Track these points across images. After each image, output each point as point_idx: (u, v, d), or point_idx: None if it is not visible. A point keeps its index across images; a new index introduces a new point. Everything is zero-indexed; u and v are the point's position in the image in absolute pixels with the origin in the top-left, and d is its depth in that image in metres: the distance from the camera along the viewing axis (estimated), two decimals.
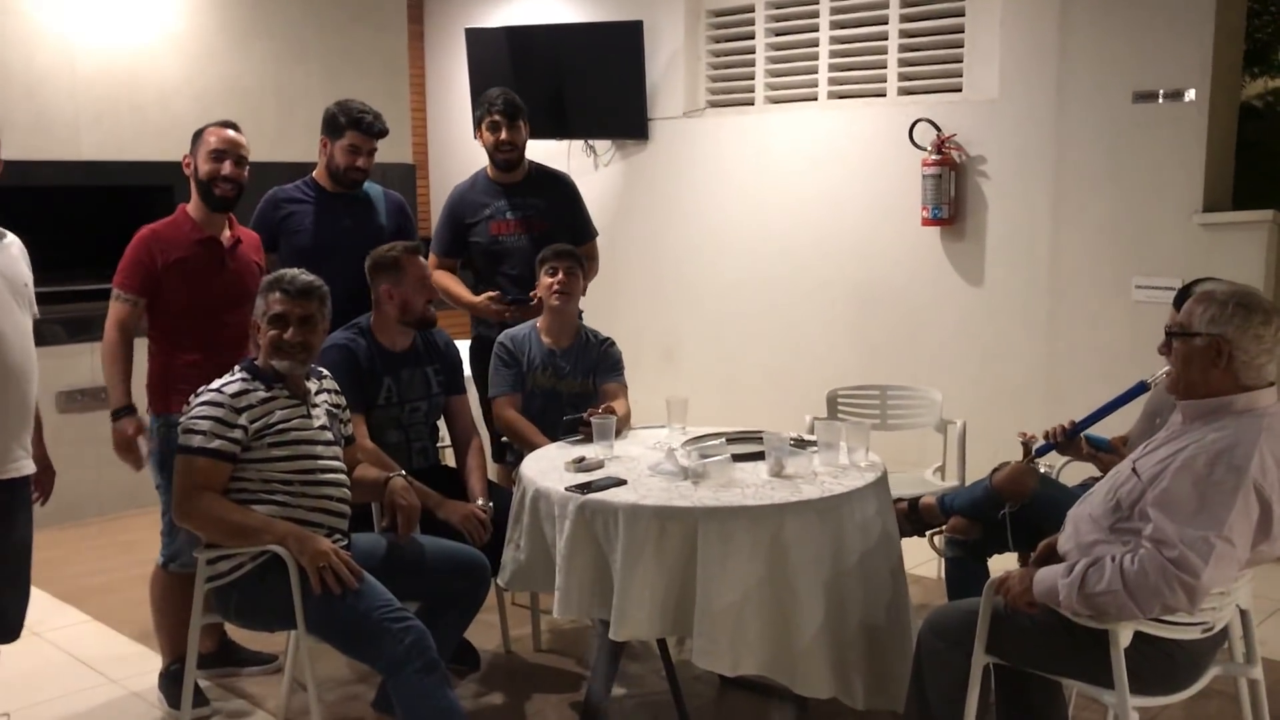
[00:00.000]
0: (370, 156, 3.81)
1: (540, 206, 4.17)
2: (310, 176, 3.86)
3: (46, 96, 5.07)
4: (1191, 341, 2.39)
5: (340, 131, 3.75)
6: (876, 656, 2.86)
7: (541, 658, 3.75)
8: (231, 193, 3.33)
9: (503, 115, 4.11)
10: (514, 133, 4.13)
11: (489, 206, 4.15)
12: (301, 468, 2.84)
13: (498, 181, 4.19)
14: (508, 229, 4.13)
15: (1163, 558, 2.21)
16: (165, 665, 3.42)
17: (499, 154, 4.14)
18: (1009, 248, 5.14)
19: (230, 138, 3.34)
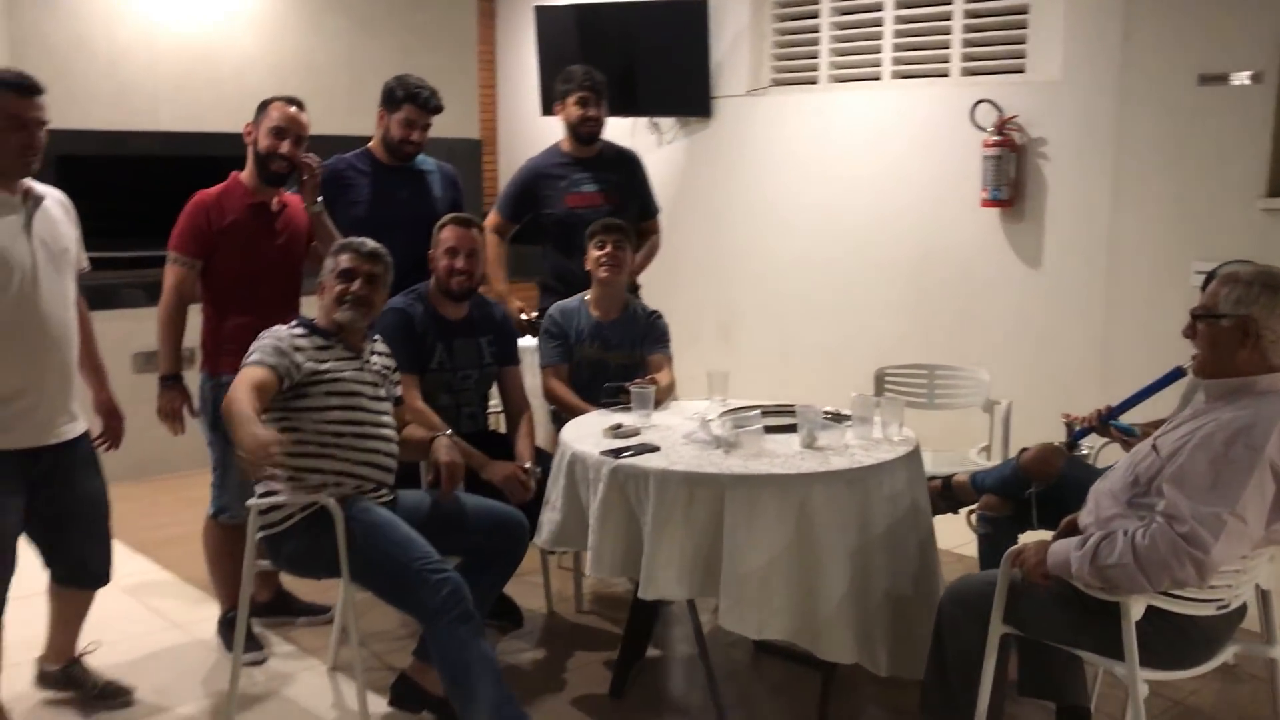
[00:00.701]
0: (424, 131, 3.92)
1: (614, 181, 4.33)
2: (366, 148, 3.98)
3: (127, 70, 5.28)
4: (1218, 324, 2.41)
5: (397, 105, 3.87)
6: (902, 626, 2.92)
7: (582, 618, 3.87)
8: (285, 169, 3.46)
9: (590, 91, 4.26)
10: (598, 109, 4.28)
11: (565, 179, 4.29)
12: (352, 418, 2.97)
13: (574, 155, 4.32)
14: (583, 201, 4.26)
15: (1174, 532, 2.24)
16: (223, 612, 3.60)
17: (582, 128, 4.29)
18: (1068, 230, 5.11)
19: (293, 115, 3.45)
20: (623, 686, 3.29)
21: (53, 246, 2.86)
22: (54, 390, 2.86)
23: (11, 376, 2.76)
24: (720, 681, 3.19)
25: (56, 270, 2.86)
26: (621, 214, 4.17)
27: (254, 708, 3.21)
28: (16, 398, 2.77)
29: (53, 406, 2.87)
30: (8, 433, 2.77)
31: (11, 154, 2.71)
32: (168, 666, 3.44)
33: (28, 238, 2.78)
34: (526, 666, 3.50)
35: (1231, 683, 3.37)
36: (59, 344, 2.86)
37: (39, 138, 2.75)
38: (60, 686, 3.21)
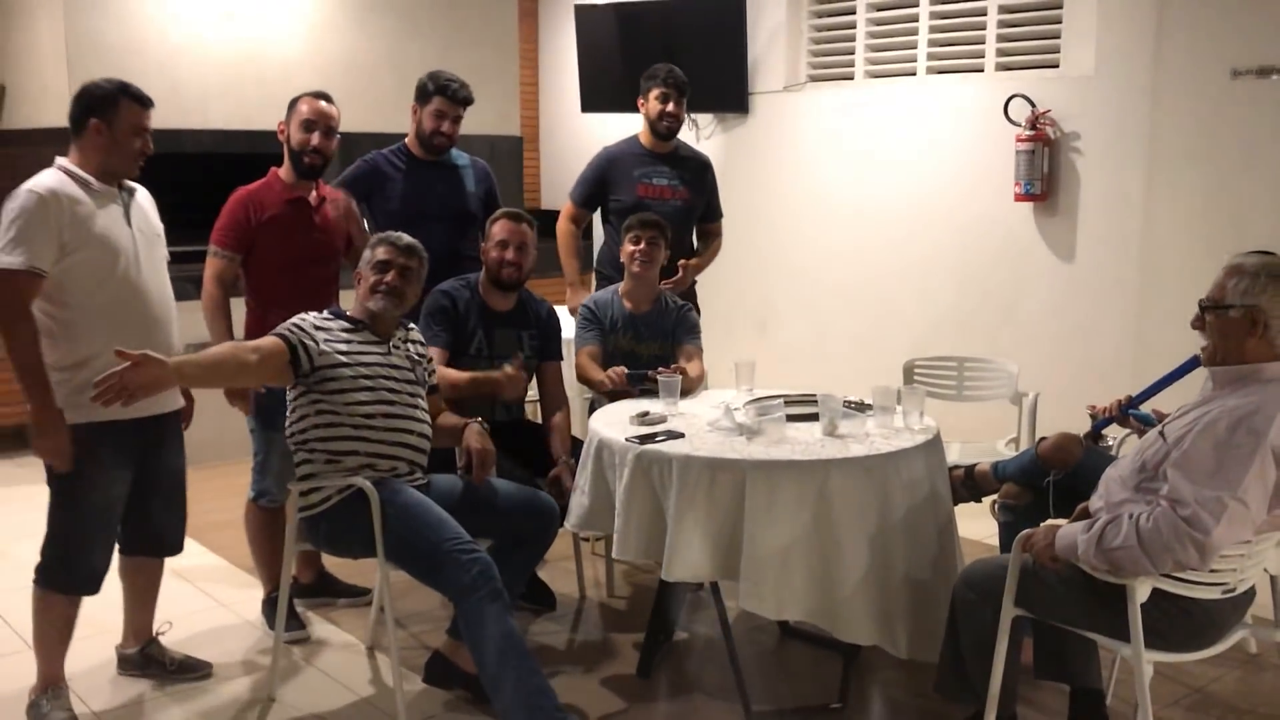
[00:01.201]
0: (455, 124, 4.02)
1: (686, 179, 4.45)
2: (403, 144, 4.10)
3: (178, 71, 5.46)
4: (1226, 314, 2.47)
5: (428, 98, 3.99)
6: (921, 609, 2.99)
7: (613, 601, 3.97)
8: (318, 161, 3.59)
9: (672, 88, 4.38)
10: (679, 106, 4.40)
11: (639, 169, 4.41)
12: (381, 399, 3.08)
13: (651, 149, 4.45)
14: (655, 193, 4.39)
15: (1176, 515, 2.30)
16: (266, 593, 3.74)
17: (662, 123, 4.40)
18: (1101, 225, 5.13)
19: (321, 109, 3.58)
20: (650, 667, 3.38)
21: (148, 233, 3.10)
22: None
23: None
24: (744, 663, 3.27)
25: (153, 254, 3.10)
26: (689, 212, 4.36)
27: (295, 684, 3.34)
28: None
29: None
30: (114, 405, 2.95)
31: (131, 158, 3.01)
32: (215, 644, 3.58)
33: (128, 224, 3.02)
34: (558, 647, 3.60)
35: (1253, 671, 3.40)
36: (162, 321, 3.08)
37: (150, 145, 3.05)
38: (140, 668, 3.35)
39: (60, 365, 2.90)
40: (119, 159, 2.98)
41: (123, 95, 2.97)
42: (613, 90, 6.78)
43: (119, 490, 3.04)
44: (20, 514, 4.89)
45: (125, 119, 2.96)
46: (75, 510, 2.99)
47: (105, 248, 2.93)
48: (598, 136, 7.37)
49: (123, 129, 2.96)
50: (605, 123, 7.24)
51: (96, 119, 2.94)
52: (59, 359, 2.90)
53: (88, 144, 2.95)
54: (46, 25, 5.37)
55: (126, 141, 2.97)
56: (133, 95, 2.99)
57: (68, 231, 2.85)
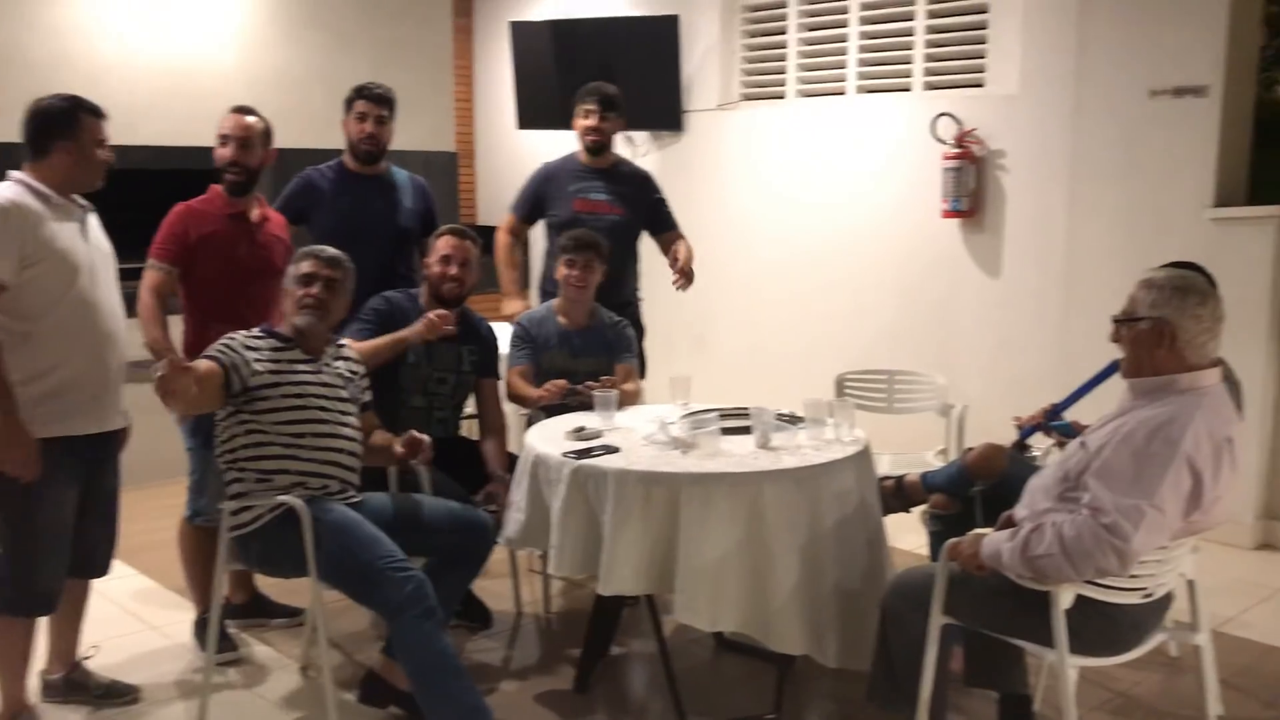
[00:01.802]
0: (380, 125, 4.02)
1: (624, 193, 4.45)
2: (339, 160, 4.10)
3: (107, 85, 5.38)
4: (1138, 326, 2.55)
5: (350, 104, 4.04)
6: (850, 619, 3.03)
7: (550, 617, 3.98)
8: (240, 176, 3.56)
9: (598, 104, 4.41)
10: (603, 122, 4.41)
11: (575, 185, 4.42)
12: (312, 417, 3.07)
13: (589, 165, 4.46)
14: (591, 208, 4.39)
15: (1097, 523, 2.36)
16: (198, 614, 3.69)
17: (587, 137, 4.42)
18: (1026, 240, 5.25)
19: (238, 121, 3.57)
20: (586, 682, 3.39)
21: (103, 249, 3.09)
22: (113, 380, 3.07)
23: (76, 366, 2.96)
24: (680, 676, 3.29)
25: (107, 271, 3.09)
26: (627, 227, 4.37)
27: (227, 706, 3.30)
28: (80, 387, 2.97)
29: (109, 396, 3.07)
30: (73, 419, 2.96)
31: (98, 171, 3.02)
32: (145, 668, 3.51)
33: (85, 240, 3.01)
34: (494, 664, 3.60)
35: (1174, 674, 3.49)
36: (115, 338, 3.07)
37: (112, 155, 3.05)
38: (64, 695, 3.28)
39: (17, 379, 2.87)
40: (86, 173, 2.99)
41: (80, 110, 2.97)
42: (548, 107, 6.80)
43: (70, 508, 3.01)
44: None
45: (87, 133, 2.96)
46: (29, 530, 2.95)
47: (65, 262, 2.92)
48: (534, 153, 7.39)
49: (86, 144, 2.96)
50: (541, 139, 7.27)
51: (62, 140, 2.93)
52: (12, 372, 2.87)
53: (54, 164, 2.94)
54: None
55: (92, 156, 2.98)
56: (88, 109, 2.99)
57: (30, 244, 2.84)
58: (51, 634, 3.27)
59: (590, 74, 6.65)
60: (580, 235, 4.03)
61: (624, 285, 4.45)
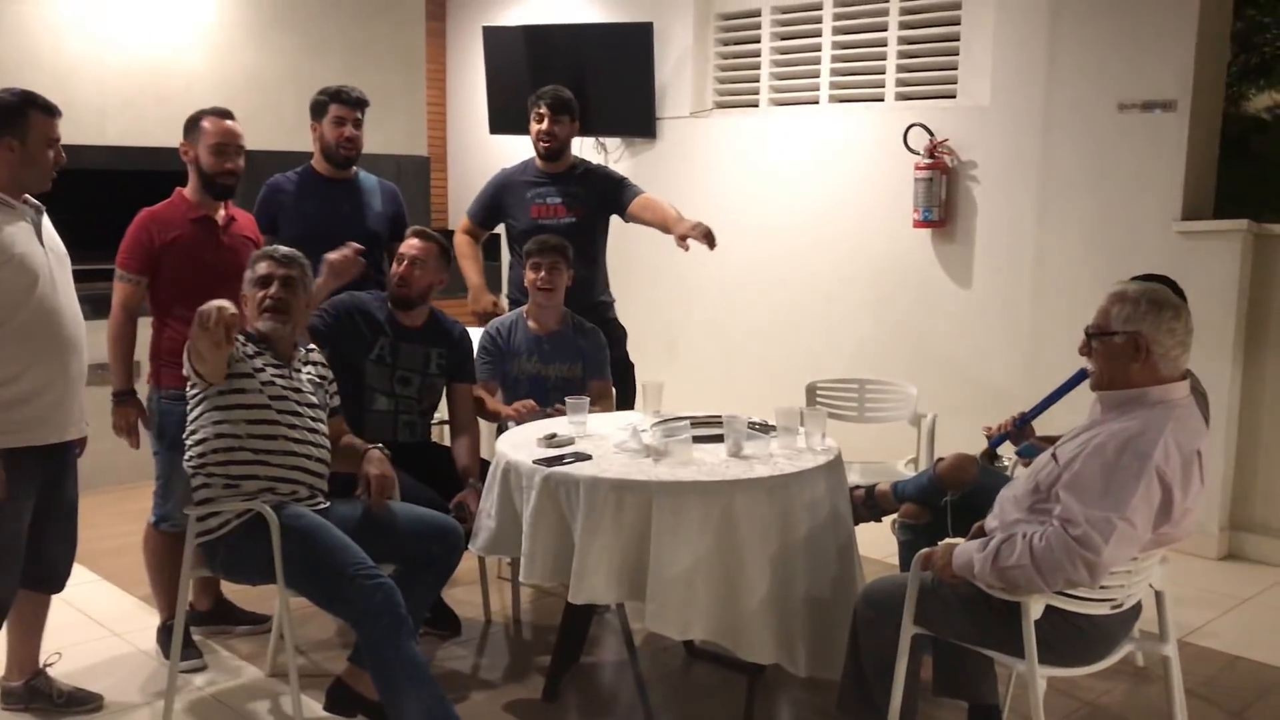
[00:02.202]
0: (357, 128, 3.99)
1: (579, 194, 4.38)
2: (307, 165, 4.06)
3: (76, 85, 5.33)
4: (1111, 340, 2.56)
5: (323, 109, 3.97)
6: (820, 628, 3.03)
7: (519, 625, 3.95)
8: (234, 183, 3.55)
9: (547, 108, 4.36)
10: (556, 125, 4.36)
11: (532, 190, 4.38)
12: (281, 422, 3.04)
13: (544, 170, 4.42)
14: (548, 212, 4.35)
15: (1068, 535, 2.37)
16: (162, 620, 3.64)
17: (540, 143, 4.38)
18: (996, 251, 5.29)
19: (229, 129, 3.53)
20: (556, 691, 3.37)
21: (59, 252, 3.02)
22: (73, 389, 3.01)
23: (37, 374, 2.89)
24: (650, 684, 3.29)
25: (64, 275, 3.01)
26: (585, 228, 4.30)
27: (192, 714, 3.25)
28: (41, 395, 2.91)
29: (69, 405, 3.00)
30: (35, 429, 2.90)
31: (46, 172, 2.93)
32: (107, 674, 3.47)
33: (40, 243, 2.94)
34: (463, 672, 3.57)
35: (1141, 683, 3.52)
36: (75, 345, 3.00)
37: (63, 155, 2.97)
38: (25, 702, 3.22)
39: None
40: (33, 174, 2.91)
41: (30, 107, 2.88)
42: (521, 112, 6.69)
43: (25, 519, 2.94)
44: None
45: (36, 131, 2.88)
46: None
47: (22, 267, 2.85)
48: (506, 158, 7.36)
49: (35, 142, 2.88)
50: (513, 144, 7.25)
51: (7, 137, 2.85)
52: None
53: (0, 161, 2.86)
54: None
55: (40, 155, 2.89)
56: (40, 106, 2.90)
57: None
58: (11, 643, 3.22)
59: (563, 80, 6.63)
60: (545, 239, 4.01)
61: (592, 287, 4.41)
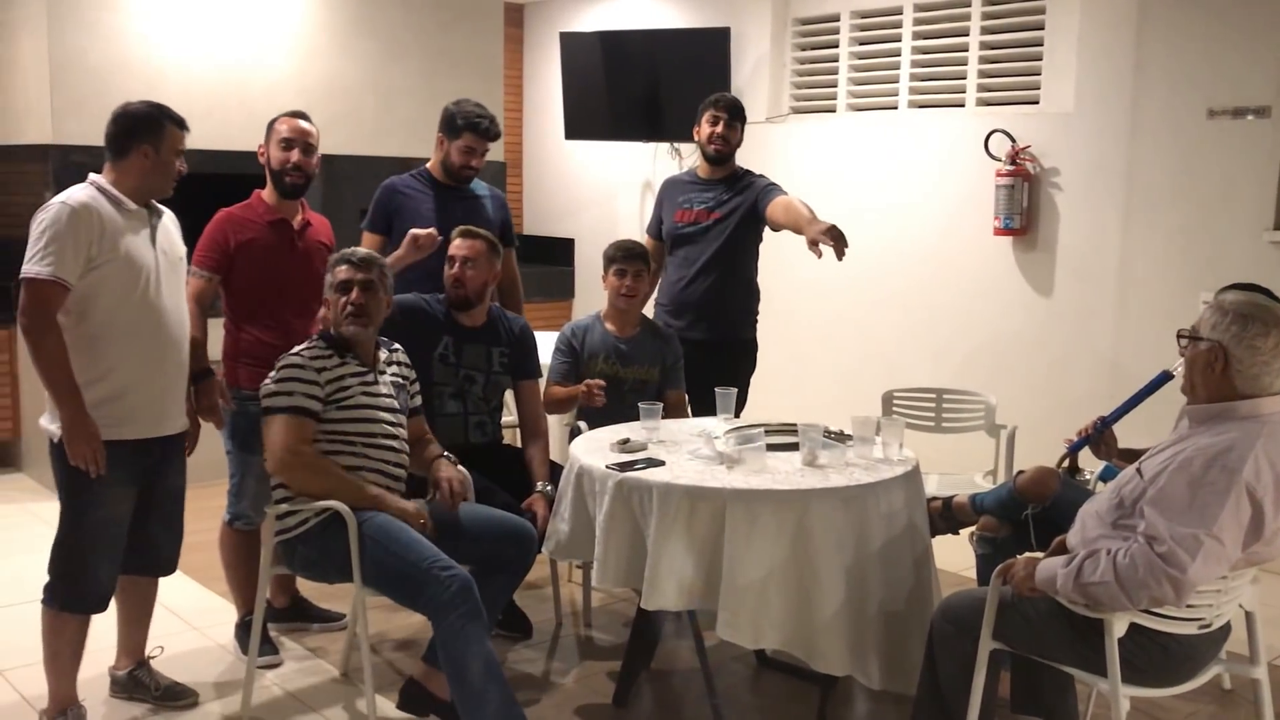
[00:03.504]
0: (482, 157, 4.06)
1: (730, 202, 4.32)
2: (424, 168, 4.11)
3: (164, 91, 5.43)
4: (1198, 345, 2.50)
5: (457, 133, 3.98)
6: (895, 641, 2.99)
7: (590, 630, 3.95)
8: (300, 179, 3.59)
9: (725, 112, 4.35)
10: (729, 130, 4.34)
11: (684, 194, 4.39)
12: (364, 430, 3.10)
13: (703, 176, 4.42)
14: (688, 217, 4.34)
15: (1153, 552, 2.31)
16: (240, 617, 3.71)
17: (710, 145, 4.35)
18: (1079, 260, 5.18)
19: (299, 126, 3.59)
20: (626, 696, 3.37)
21: (171, 255, 3.11)
22: (172, 385, 3.10)
23: (136, 370, 2.99)
24: (721, 693, 3.26)
25: (175, 277, 3.12)
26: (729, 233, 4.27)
27: (268, 710, 3.30)
28: (140, 390, 3.00)
29: (168, 400, 3.09)
30: (128, 424, 2.99)
31: (171, 179, 3.06)
32: (185, 668, 3.53)
33: (153, 246, 3.04)
34: (533, 675, 3.58)
35: (1228, 707, 3.41)
36: (177, 343, 3.10)
37: (185, 165, 3.10)
38: (128, 692, 3.32)
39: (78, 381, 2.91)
40: (160, 180, 3.03)
41: (165, 119, 3.02)
42: (596, 118, 6.82)
43: (124, 508, 3.03)
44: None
45: (169, 142, 3.01)
46: (81, 528, 2.98)
47: (130, 266, 2.95)
48: (581, 163, 7.45)
49: (166, 152, 3.01)
50: (589, 150, 7.29)
51: (143, 144, 2.97)
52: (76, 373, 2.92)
53: (130, 166, 2.98)
54: (30, 44, 5.36)
55: (170, 164, 3.02)
56: (173, 119, 3.04)
57: (96, 246, 2.87)
58: (120, 629, 3.32)
59: (639, 85, 6.68)
60: (627, 245, 4.02)
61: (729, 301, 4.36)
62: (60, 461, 2.97)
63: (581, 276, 7.43)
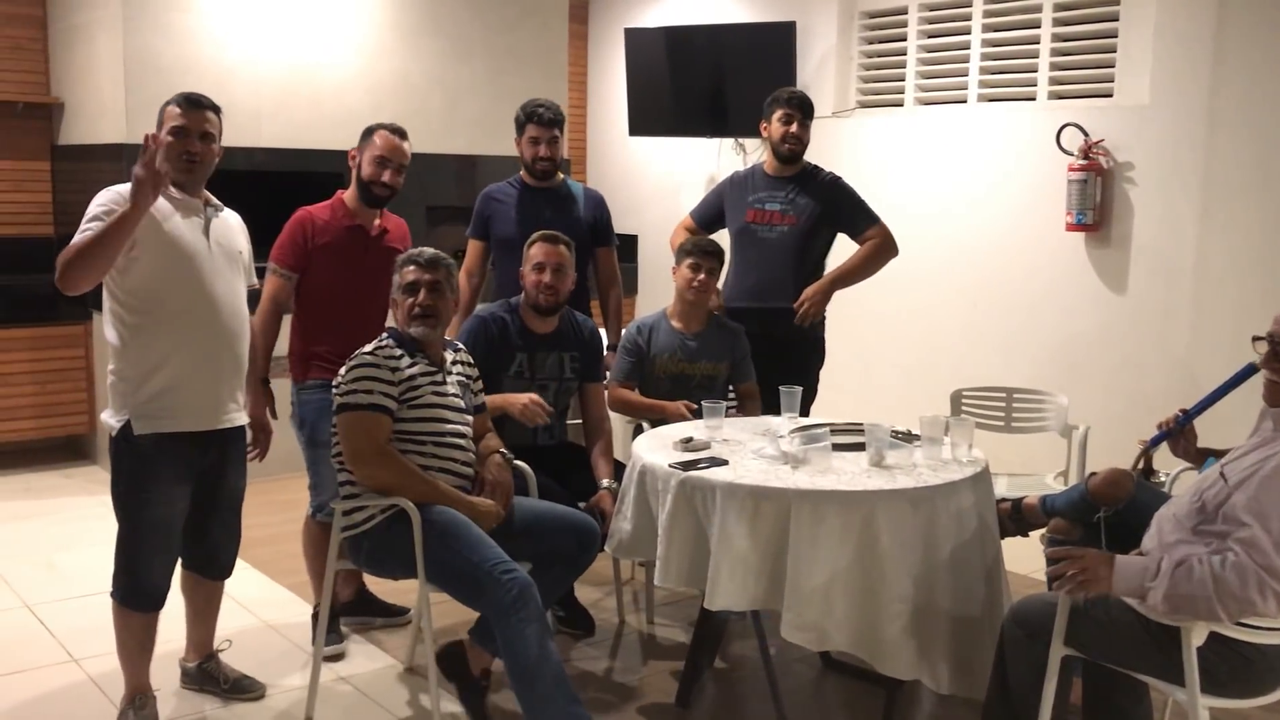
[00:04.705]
0: (551, 145, 4.06)
1: (803, 204, 4.27)
2: (519, 174, 4.18)
3: (234, 88, 5.53)
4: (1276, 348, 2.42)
5: (521, 127, 4.08)
6: (964, 645, 2.93)
7: (652, 628, 3.94)
8: (386, 195, 3.64)
9: (797, 110, 4.28)
10: (802, 129, 4.29)
11: (753, 194, 4.33)
12: (434, 430, 3.11)
13: (772, 174, 4.36)
14: (762, 218, 4.28)
15: (1254, 564, 2.24)
16: (315, 607, 3.75)
17: (784, 145, 4.28)
18: (1154, 257, 5.06)
19: (396, 145, 3.63)
20: (688, 696, 3.35)
21: (228, 248, 3.11)
22: (227, 378, 3.09)
23: (189, 361, 2.99)
24: (785, 695, 3.23)
25: (231, 270, 3.10)
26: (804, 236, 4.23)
27: (331, 704, 3.33)
28: (193, 381, 3.01)
29: (223, 392, 3.09)
30: (183, 415, 3.00)
31: (173, 159, 2.96)
32: (252, 659, 3.58)
33: (205, 236, 3.04)
34: (595, 673, 3.58)
35: None
36: (233, 335, 3.09)
37: (195, 145, 3.01)
38: (198, 684, 3.37)
39: (128, 374, 2.95)
40: (174, 162, 2.96)
41: (169, 104, 3.01)
42: (660, 113, 6.80)
43: (179, 507, 3.05)
44: (65, 525, 4.97)
45: (165, 121, 2.99)
46: (135, 527, 3.02)
47: (177, 252, 2.95)
48: (645, 160, 7.44)
49: (165, 131, 2.97)
50: (653, 146, 7.27)
51: (157, 131, 2.98)
52: (127, 366, 2.95)
53: None
54: (106, 44, 5.46)
55: (168, 144, 2.95)
56: (178, 99, 3.01)
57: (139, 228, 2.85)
58: (187, 624, 3.37)
59: (704, 81, 6.65)
60: (704, 242, 4.00)
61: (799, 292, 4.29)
62: (116, 460, 3.00)
63: (645, 273, 7.41)
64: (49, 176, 6.10)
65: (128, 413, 2.95)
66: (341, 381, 3.09)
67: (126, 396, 2.96)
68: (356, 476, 3.06)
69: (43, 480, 5.58)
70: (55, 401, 5.71)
